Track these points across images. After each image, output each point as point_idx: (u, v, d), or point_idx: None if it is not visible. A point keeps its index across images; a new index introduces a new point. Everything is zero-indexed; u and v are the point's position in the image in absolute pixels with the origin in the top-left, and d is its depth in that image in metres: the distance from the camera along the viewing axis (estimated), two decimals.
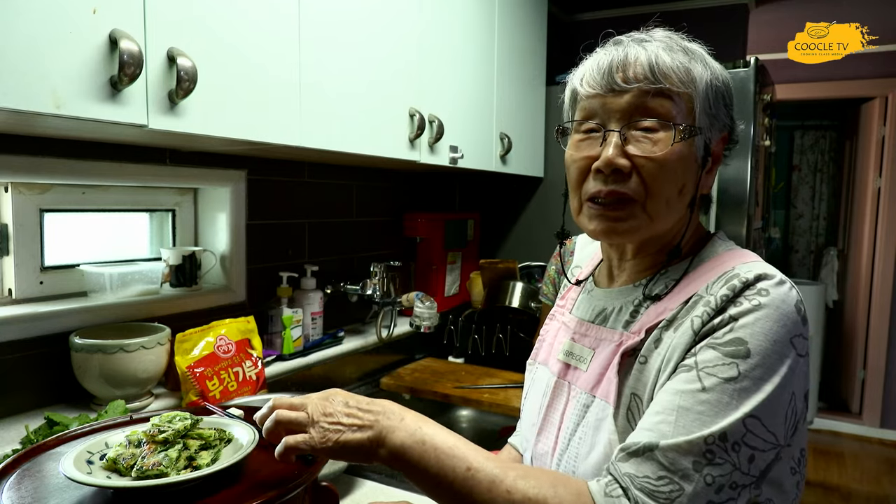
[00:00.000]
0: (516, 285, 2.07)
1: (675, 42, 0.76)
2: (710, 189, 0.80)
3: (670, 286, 0.75)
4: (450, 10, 1.66)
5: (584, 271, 0.95)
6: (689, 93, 0.73)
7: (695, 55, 0.75)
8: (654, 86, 0.71)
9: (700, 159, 0.75)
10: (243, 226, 1.55)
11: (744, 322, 0.64)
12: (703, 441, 0.60)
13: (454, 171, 1.99)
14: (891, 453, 3.95)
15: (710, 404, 0.62)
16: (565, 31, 2.78)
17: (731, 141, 0.81)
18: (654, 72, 0.71)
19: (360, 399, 0.71)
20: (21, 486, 0.68)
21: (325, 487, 0.82)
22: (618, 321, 0.78)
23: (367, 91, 1.36)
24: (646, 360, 0.71)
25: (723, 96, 0.76)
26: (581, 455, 0.74)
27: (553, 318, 0.94)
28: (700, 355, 0.65)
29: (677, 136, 0.71)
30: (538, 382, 0.89)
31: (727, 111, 0.78)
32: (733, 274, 0.69)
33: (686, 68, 0.73)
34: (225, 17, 1.02)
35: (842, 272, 4.70)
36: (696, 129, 0.73)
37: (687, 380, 0.64)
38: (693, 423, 0.61)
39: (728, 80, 0.78)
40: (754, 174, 2.00)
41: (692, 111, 0.73)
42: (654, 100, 0.72)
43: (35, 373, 1.17)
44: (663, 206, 0.73)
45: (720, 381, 0.62)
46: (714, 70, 0.76)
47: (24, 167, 1.12)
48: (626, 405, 0.71)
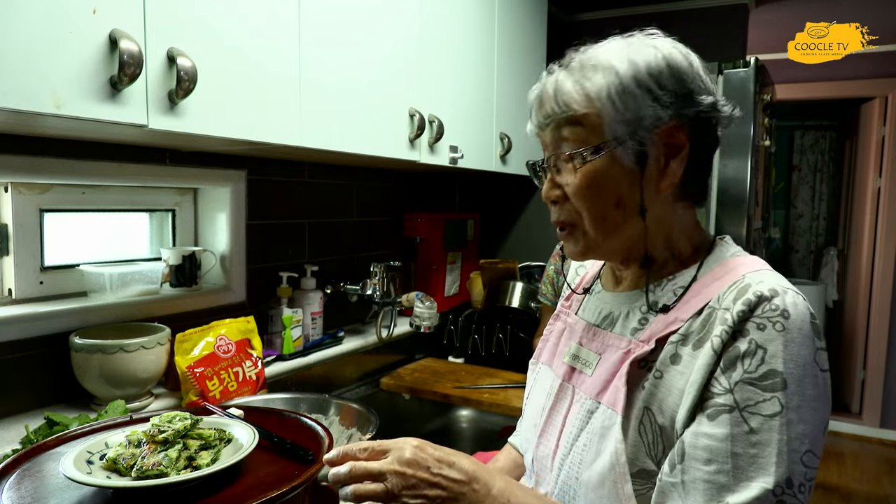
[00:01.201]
0: (516, 285, 2.07)
1: (580, 60, 0.74)
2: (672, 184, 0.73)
3: (679, 294, 0.74)
4: (450, 10, 1.66)
5: (589, 273, 0.94)
6: (592, 110, 0.71)
7: (597, 66, 0.72)
8: (563, 115, 0.73)
9: (634, 165, 0.72)
10: (243, 226, 1.55)
11: (774, 352, 0.63)
12: (773, 494, 0.60)
13: (454, 171, 1.99)
14: (891, 453, 3.95)
15: (763, 445, 0.61)
16: (565, 31, 2.78)
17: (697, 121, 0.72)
18: (559, 102, 0.73)
19: (444, 460, 0.69)
20: (21, 486, 0.68)
21: (325, 487, 0.82)
22: (626, 327, 0.77)
23: (367, 91, 1.36)
24: (661, 374, 0.70)
25: (647, 88, 0.71)
26: (586, 462, 0.73)
27: (558, 318, 0.93)
28: (738, 394, 0.63)
29: (579, 162, 0.73)
30: (541, 383, 0.88)
31: (665, 97, 0.71)
32: (745, 285, 0.67)
33: (580, 87, 0.72)
34: (225, 18, 1.02)
35: (842, 272, 4.70)
36: (609, 143, 0.71)
37: (732, 422, 0.63)
38: (750, 468, 0.61)
39: (658, 66, 0.71)
40: (754, 174, 2.00)
41: (600, 127, 0.72)
42: (567, 129, 0.74)
43: (35, 373, 1.17)
44: (600, 224, 0.74)
45: (766, 419, 0.62)
46: (628, 67, 0.71)
47: (24, 167, 1.12)
48: (637, 418, 0.70)
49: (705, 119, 0.74)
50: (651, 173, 0.73)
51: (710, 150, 0.77)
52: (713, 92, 0.74)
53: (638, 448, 0.69)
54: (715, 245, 0.78)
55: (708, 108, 0.73)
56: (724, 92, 2.00)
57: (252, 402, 1.23)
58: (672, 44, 0.74)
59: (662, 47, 0.73)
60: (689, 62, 0.73)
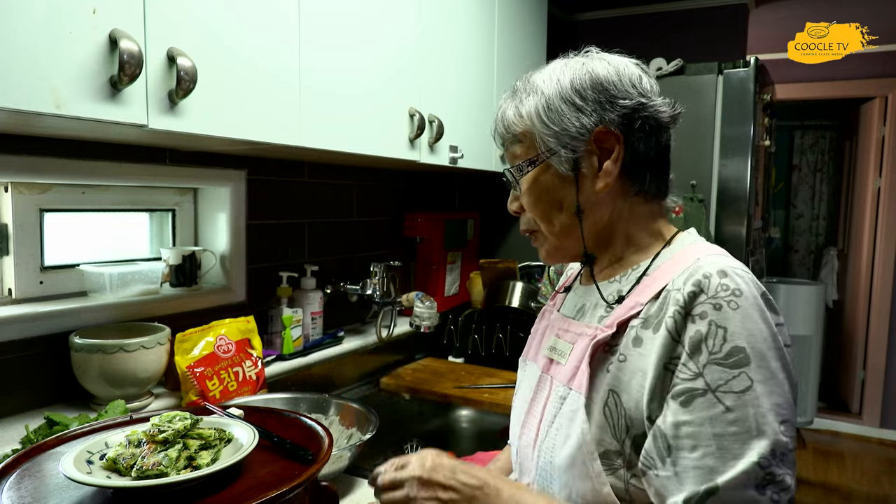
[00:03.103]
0: (516, 285, 2.07)
1: (521, 85, 0.83)
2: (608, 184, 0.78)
3: (634, 281, 0.79)
4: (450, 10, 1.66)
5: (573, 273, 0.99)
6: (527, 129, 0.81)
7: (530, 89, 0.81)
8: (508, 135, 0.84)
9: (570, 170, 0.79)
10: (243, 226, 1.55)
11: (733, 329, 0.66)
12: (758, 466, 0.62)
13: (454, 171, 1.99)
14: (891, 453, 3.95)
15: (741, 421, 0.64)
16: (565, 31, 2.78)
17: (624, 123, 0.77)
18: (505, 125, 0.84)
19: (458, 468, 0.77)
20: (21, 486, 0.68)
21: (325, 487, 0.82)
22: (594, 316, 0.82)
23: (367, 91, 1.36)
24: (625, 358, 0.73)
25: (570, 101, 0.77)
26: (557, 444, 0.77)
27: (543, 316, 0.98)
28: (707, 376, 0.66)
29: (518, 174, 0.83)
30: (526, 379, 0.92)
31: (587, 106, 0.77)
32: (696, 267, 0.71)
33: (516, 109, 0.82)
34: (225, 18, 1.02)
35: (842, 272, 4.70)
36: (542, 155, 0.80)
37: (707, 405, 0.65)
38: (733, 445, 0.64)
39: (582, 78, 0.78)
40: (754, 174, 2.00)
41: (534, 141, 0.81)
42: (514, 147, 0.84)
43: (35, 373, 1.17)
44: (553, 226, 0.83)
45: (738, 395, 0.64)
46: (555, 85, 0.79)
47: (24, 167, 1.12)
48: (602, 400, 0.74)
49: (634, 120, 0.78)
50: (586, 177, 0.79)
51: (655, 148, 0.80)
52: (646, 95, 0.79)
53: (603, 429, 0.73)
54: (676, 236, 0.83)
55: (630, 110, 0.77)
56: (724, 92, 2.00)
57: (252, 402, 1.23)
58: (604, 58, 0.81)
59: (589, 63, 0.80)
60: (617, 72, 0.79)
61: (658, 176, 0.82)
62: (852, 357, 4.33)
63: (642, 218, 0.83)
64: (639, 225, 0.83)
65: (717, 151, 2.02)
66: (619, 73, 0.79)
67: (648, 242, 0.83)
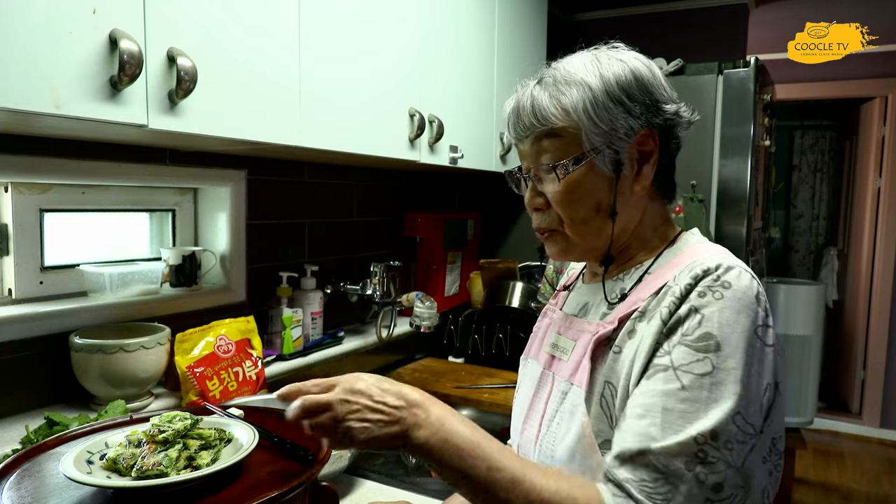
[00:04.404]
0: (516, 285, 2.07)
1: (555, 75, 0.78)
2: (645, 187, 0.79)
3: (637, 279, 0.80)
4: (450, 10, 1.66)
5: (575, 270, 1.00)
6: (569, 123, 0.76)
7: (570, 81, 0.76)
8: (541, 128, 0.78)
9: (612, 171, 0.78)
10: (243, 226, 1.55)
11: (710, 315, 0.67)
12: (694, 441, 0.63)
13: (454, 171, 1.99)
14: (891, 453, 3.95)
15: (691, 401, 0.65)
16: (565, 31, 2.78)
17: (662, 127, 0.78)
18: (536, 116, 0.77)
19: (388, 388, 0.72)
20: (21, 486, 0.68)
21: (325, 487, 0.82)
22: (596, 313, 0.83)
23: (367, 91, 1.36)
24: (620, 349, 0.75)
25: (619, 101, 0.76)
26: (558, 438, 0.78)
27: (545, 315, 0.98)
28: (674, 354, 0.68)
29: (562, 173, 0.77)
30: (528, 376, 0.93)
31: (636, 109, 0.76)
32: (697, 263, 0.73)
33: (557, 102, 0.76)
34: (225, 18, 1.02)
35: (842, 272, 4.70)
36: (588, 154, 0.76)
37: (665, 380, 0.67)
38: (678, 421, 0.65)
39: (627, 78, 0.76)
40: (754, 174, 2.00)
41: (578, 138, 0.77)
42: (546, 141, 0.78)
43: (35, 373, 1.17)
44: (582, 228, 0.80)
45: (697, 377, 0.66)
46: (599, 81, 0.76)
47: (24, 167, 1.12)
48: (599, 392, 0.75)
49: (672, 125, 0.80)
50: (626, 178, 0.79)
51: (676, 152, 0.83)
52: (675, 99, 0.81)
53: (601, 420, 0.74)
54: (680, 236, 0.84)
55: (673, 116, 0.79)
56: (724, 92, 2.00)
57: (252, 402, 1.23)
58: (635, 56, 0.80)
59: (628, 60, 0.78)
60: (652, 73, 0.79)
61: (672, 179, 0.84)
62: (852, 357, 4.33)
63: (655, 219, 0.84)
64: (652, 226, 0.83)
65: (718, 151, 2.02)
66: (654, 75, 0.79)
67: (656, 243, 0.83)
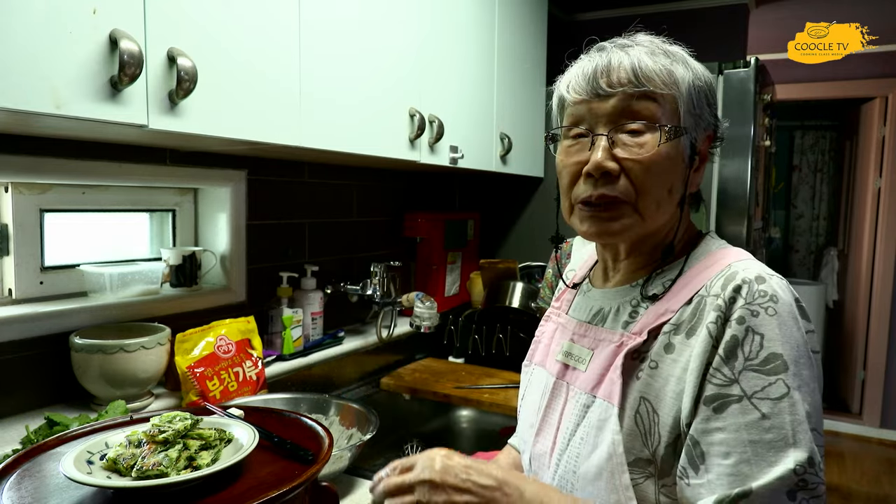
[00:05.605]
0: (516, 285, 2.07)
1: (656, 46, 0.77)
2: (698, 187, 0.82)
3: (668, 286, 0.76)
4: (450, 10, 1.66)
5: (578, 273, 0.95)
6: (673, 94, 0.74)
7: (676, 57, 0.76)
8: (638, 89, 0.73)
9: (687, 158, 0.76)
10: (243, 226, 1.55)
11: (770, 335, 0.65)
12: (794, 473, 0.62)
13: (454, 171, 1.99)
14: (891, 453, 3.95)
15: (777, 429, 0.63)
16: (565, 31, 2.78)
17: (716, 139, 0.82)
18: (637, 75, 0.73)
19: (472, 467, 0.70)
20: (21, 486, 0.68)
21: (325, 487, 0.82)
22: (617, 322, 0.79)
23: (367, 91, 1.36)
24: (657, 364, 0.71)
25: (706, 96, 0.78)
26: (583, 455, 0.74)
27: (549, 319, 0.94)
28: (743, 382, 0.65)
29: (663, 137, 0.73)
30: (535, 384, 0.89)
31: (711, 110, 0.79)
32: (732, 273, 0.70)
33: (668, 70, 0.74)
34: (225, 18, 1.02)
35: (842, 272, 4.70)
36: (682, 130, 0.74)
37: (742, 411, 0.64)
38: (769, 453, 0.63)
39: (710, 81, 0.79)
40: (754, 174, 2.00)
41: (677, 112, 0.74)
42: (639, 102, 0.73)
43: (35, 373, 1.17)
44: (653, 206, 0.74)
45: (775, 402, 0.63)
46: (696, 71, 0.77)
47: (24, 167, 1.12)
48: (633, 408, 0.71)
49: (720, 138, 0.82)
50: (693, 170, 0.78)
51: None
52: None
53: (634, 437, 0.70)
54: (701, 240, 0.81)
55: (724, 131, 0.82)
56: (724, 92, 2.00)
57: (252, 402, 1.23)
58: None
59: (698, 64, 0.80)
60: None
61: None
62: (852, 357, 4.33)
63: (687, 223, 0.82)
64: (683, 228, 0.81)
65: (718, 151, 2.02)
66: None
67: (679, 246, 0.80)
